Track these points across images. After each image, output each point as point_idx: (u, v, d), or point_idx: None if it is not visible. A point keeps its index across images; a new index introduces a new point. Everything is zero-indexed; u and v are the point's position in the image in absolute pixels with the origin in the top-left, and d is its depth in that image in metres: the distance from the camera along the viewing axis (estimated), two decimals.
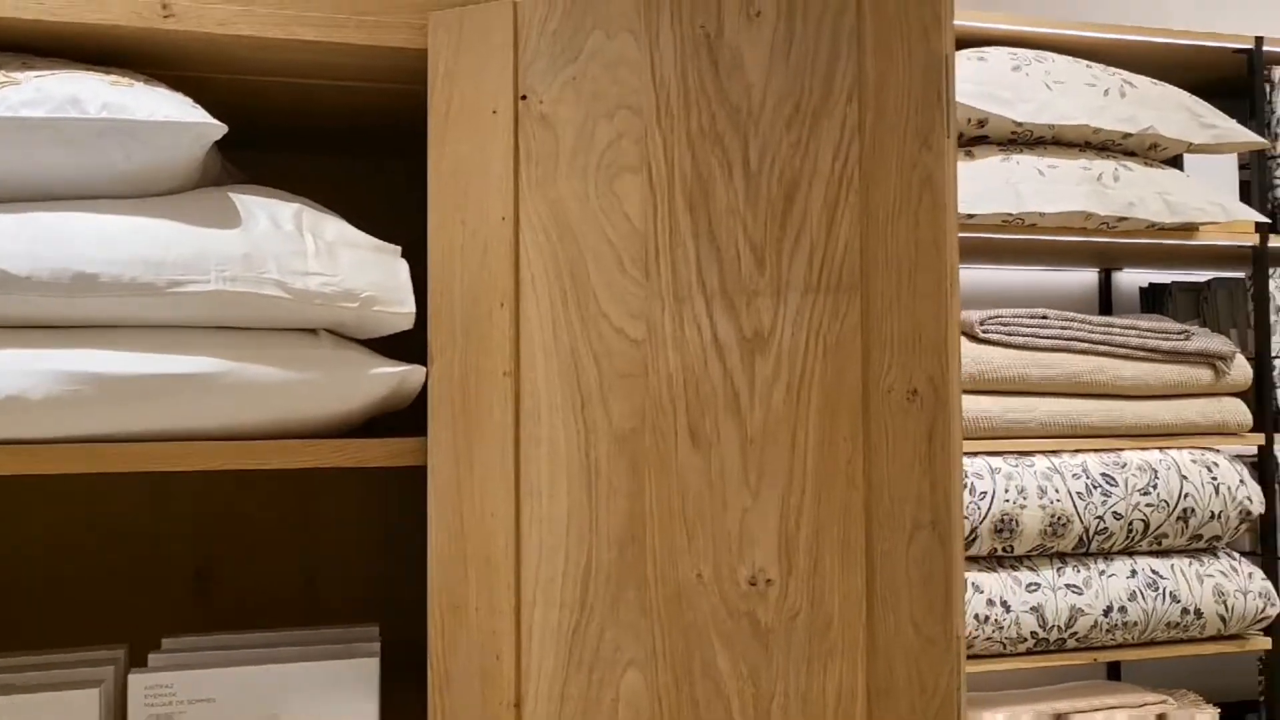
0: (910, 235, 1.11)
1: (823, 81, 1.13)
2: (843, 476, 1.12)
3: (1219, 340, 2.43)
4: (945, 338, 1.11)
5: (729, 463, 1.14)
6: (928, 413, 1.11)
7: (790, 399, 1.13)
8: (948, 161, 1.11)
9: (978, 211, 2.18)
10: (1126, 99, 2.32)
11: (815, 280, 1.12)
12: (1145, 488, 2.31)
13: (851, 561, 1.11)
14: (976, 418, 2.25)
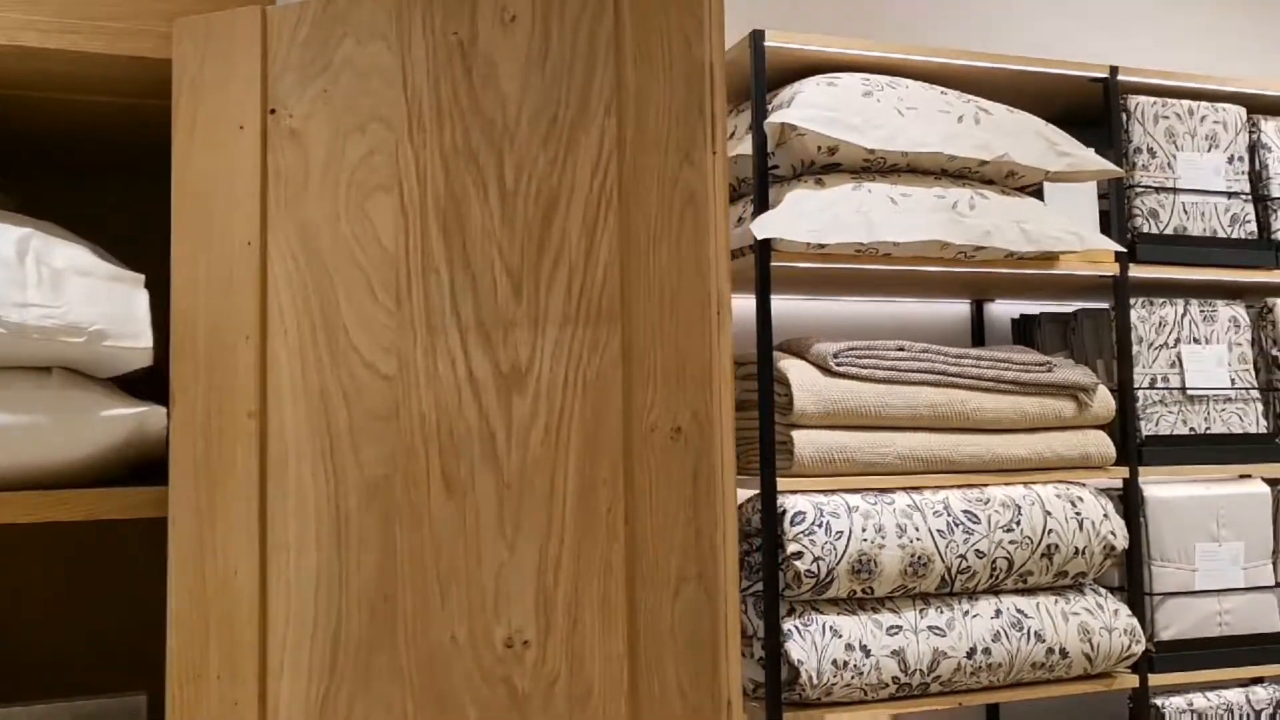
0: (673, 259, 1.02)
1: (580, 92, 1.04)
2: (603, 526, 1.01)
3: (1080, 371, 2.38)
4: (711, 370, 1.02)
5: (485, 512, 1.03)
6: (692, 453, 1.01)
7: (549, 441, 1.02)
8: (713, 178, 1.02)
9: (828, 241, 2.11)
10: (981, 126, 2.27)
11: (574, 310, 1.02)
12: (1008, 524, 2.24)
13: (612, 620, 1.00)
14: (832, 454, 2.17)
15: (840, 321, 2.77)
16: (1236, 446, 2.51)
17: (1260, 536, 2.50)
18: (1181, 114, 2.53)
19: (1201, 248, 2.51)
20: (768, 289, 2.16)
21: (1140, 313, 2.49)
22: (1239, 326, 2.58)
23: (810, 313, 2.74)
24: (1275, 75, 3.26)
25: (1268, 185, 2.62)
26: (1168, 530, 2.43)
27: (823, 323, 2.75)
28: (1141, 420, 2.46)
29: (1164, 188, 2.50)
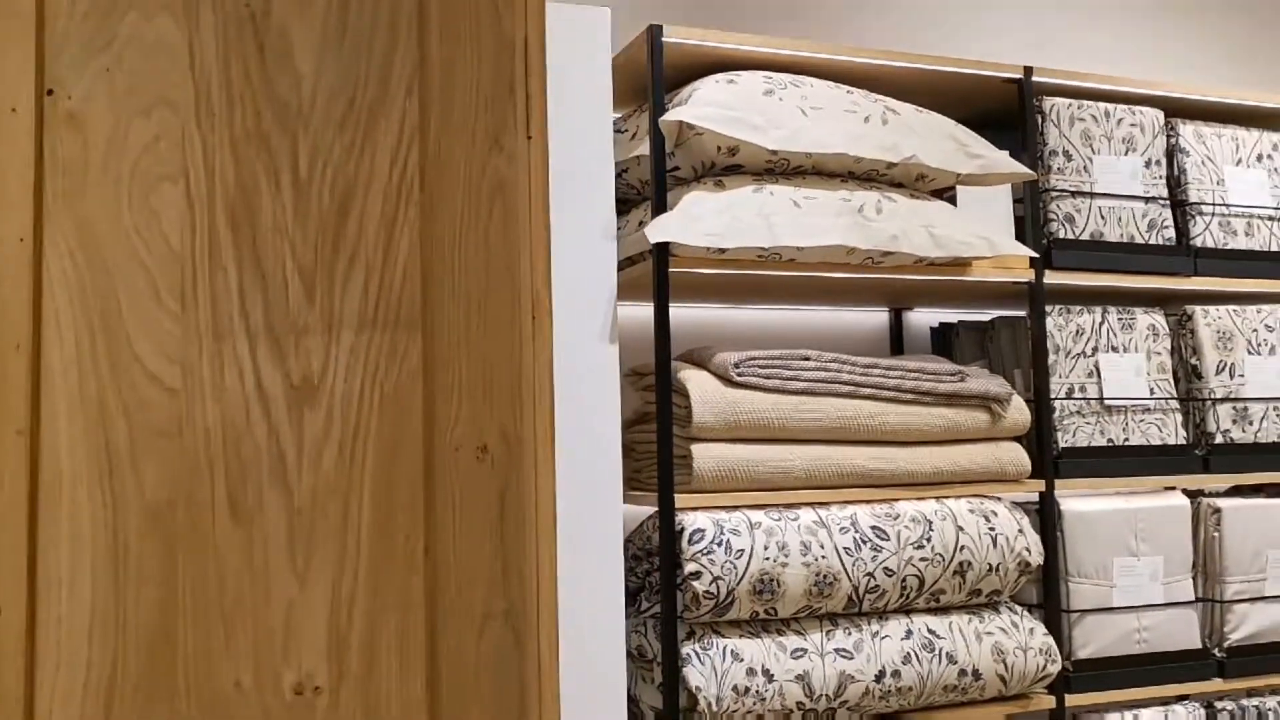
0: (480, 257, 0.91)
1: (380, 71, 0.93)
2: (402, 557, 0.90)
3: (994, 381, 2.30)
4: (521, 382, 0.91)
5: (274, 541, 0.92)
6: (500, 475, 0.90)
7: (343, 461, 0.91)
8: (525, 166, 0.92)
9: (727, 246, 2.02)
10: (889, 126, 2.19)
11: (372, 313, 0.91)
12: (918, 541, 2.15)
13: (412, 662, 0.89)
14: (733, 468, 2.07)
15: (753, 330, 2.67)
16: (1156, 458, 2.44)
17: (1180, 550, 2.43)
18: (1098, 116, 2.47)
19: (1119, 253, 2.44)
20: (665, 296, 2.06)
21: (1057, 320, 2.42)
22: (1158, 335, 2.51)
23: (721, 321, 2.65)
24: (1193, 78, 3.21)
25: (1186, 190, 2.56)
26: (1085, 545, 2.35)
27: (734, 331, 2.65)
28: (1058, 431, 2.38)
29: (1080, 192, 2.43)
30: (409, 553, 0.90)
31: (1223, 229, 2.58)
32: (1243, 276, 2.57)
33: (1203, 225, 2.55)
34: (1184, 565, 2.44)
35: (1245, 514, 2.48)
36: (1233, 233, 2.58)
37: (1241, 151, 2.64)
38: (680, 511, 2.06)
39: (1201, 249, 2.54)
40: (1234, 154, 2.63)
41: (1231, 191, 2.60)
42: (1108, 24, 3.15)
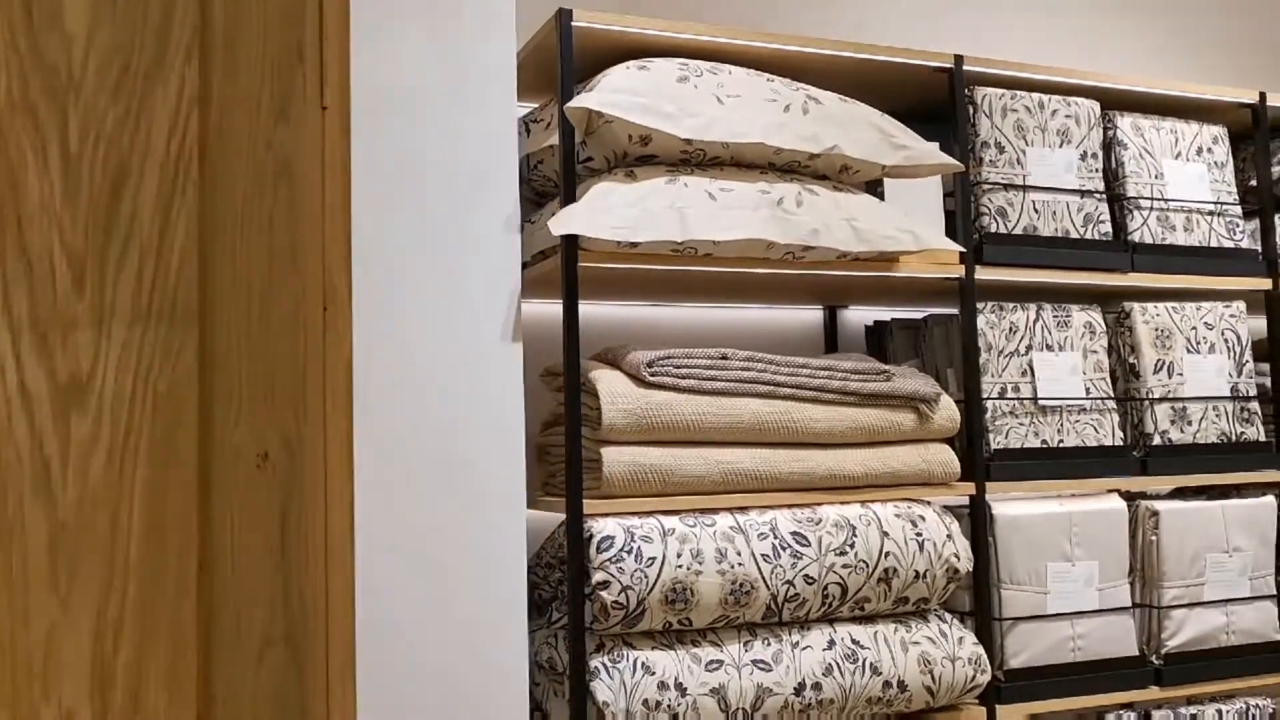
0: (263, 243, 0.82)
1: (158, 32, 0.83)
2: (174, 576, 0.80)
3: (923, 381, 2.22)
4: (307, 382, 0.82)
5: (34, 559, 0.82)
6: (282, 485, 0.81)
7: (112, 469, 0.82)
8: (317, 140, 0.83)
9: (637, 239, 1.93)
10: (810, 116, 2.10)
11: (146, 305, 0.82)
12: (841, 547, 2.07)
13: (182, 695, 0.79)
14: (645, 472, 1.98)
15: (681, 329, 2.58)
16: (1091, 460, 2.37)
17: (1116, 555, 2.36)
18: (1032, 107, 2.39)
19: (1053, 249, 2.36)
20: (574, 291, 1.97)
21: (989, 318, 2.34)
22: (1094, 332, 2.44)
23: (649, 319, 2.56)
24: (1131, 69, 3.13)
25: (1123, 184, 2.49)
26: (1018, 550, 2.27)
27: (662, 330, 2.56)
28: (990, 433, 2.30)
29: (1013, 185, 2.35)
30: (182, 572, 0.80)
31: (1161, 224, 2.50)
32: (1182, 273, 2.49)
33: (1140, 220, 2.48)
34: (1120, 570, 2.36)
35: (1183, 517, 2.41)
36: (1171, 228, 2.51)
37: (1181, 145, 2.57)
38: (589, 518, 1.97)
39: (1139, 244, 2.46)
40: (1173, 147, 2.56)
41: (1170, 185, 2.53)
42: (1043, 13, 3.08)
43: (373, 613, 1.74)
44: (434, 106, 1.85)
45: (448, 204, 1.84)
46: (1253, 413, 2.54)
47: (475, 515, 1.84)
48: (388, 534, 1.78)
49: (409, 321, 1.81)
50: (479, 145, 1.90)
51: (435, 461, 1.81)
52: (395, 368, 1.80)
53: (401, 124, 1.83)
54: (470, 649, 1.82)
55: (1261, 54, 3.36)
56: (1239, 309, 2.57)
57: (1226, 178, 2.61)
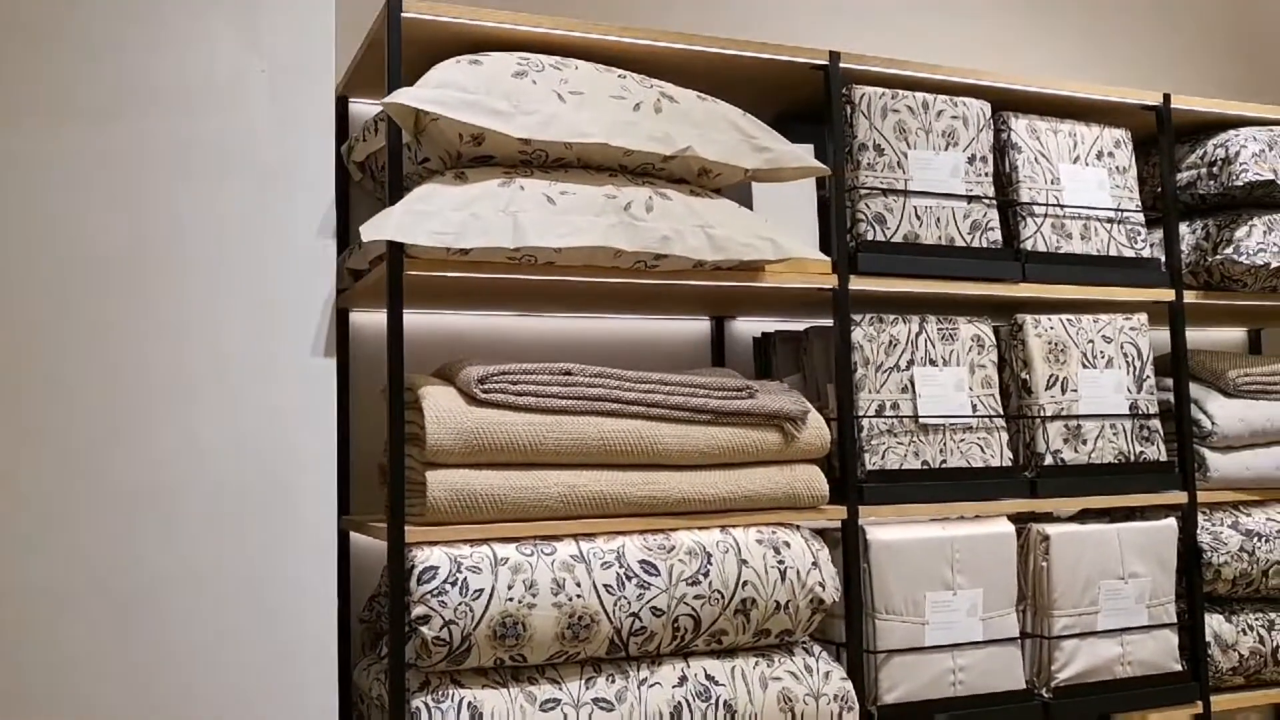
0: None
1: None
2: None
3: (789, 398, 2.08)
4: None
5: None
6: None
7: None
8: None
9: (462, 245, 1.79)
10: (663, 115, 1.96)
11: None
12: (694, 576, 1.93)
13: None
14: (475, 497, 1.84)
15: (546, 341, 2.43)
16: (977, 482, 2.23)
17: (1003, 583, 2.22)
18: (915, 107, 2.26)
19: (935, 257, 2.22)
20: (399, 301, 1.82)
21: (867, 330, 2.20)
22: (983, 346, 2.30)
23: (513, 330, 2.41)
24: (1027, 68, 2.99)
25: (1017, 189, 2.36)
26: (893, 578, 2.13)
27: (525, 343, 2.41)
28: (866, 453, 2.16)
29: (893, 190, 2.21)
30: None
31: (1056, 231, 2.37)
32: (1078, 283, 2.36)
33: (1034, 227, 2.35)
34: (1008, 598, 2.22)
35: (1076, 541, 2.28)
36: (1067, 235, 2.38)
37: (1080, 148, 2.43)
38: (415, 546, 1.82)
39: (1032, 253, 2.33)
40: (1071, 151, 2.42)
41: (1067, 191, 2.39)
42: (938, 13, 2.95)
43: (145, 654, 1.60)
44: (235, 100, 1.71)
45: (250, 205, 1.70)
46: (1153, 431, 2.40)
47: (279, 544, 1.70)
48: (169, 565, 1.64)
49: (196, 332, 1.67)
50: (290, 143, 1.76)
51: (229, 486, 1.67)
52: (179, 382, 1.65)
53: (198, 118, 1.69)
54: (286, 685, 1.68)
55: (1169, 55, 3.23)
56: (1140, 321, 2.44)
57: (1129, 183, 2.47)
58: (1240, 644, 2.43)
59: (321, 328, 1.75)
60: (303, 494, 1.72)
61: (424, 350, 2.32)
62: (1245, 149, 2.48)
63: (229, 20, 1.73)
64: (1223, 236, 2.51)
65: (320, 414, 1.73)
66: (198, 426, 1.65)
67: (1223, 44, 3.30)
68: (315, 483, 1.73)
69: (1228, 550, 2.42)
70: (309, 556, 1.72)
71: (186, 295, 1.67)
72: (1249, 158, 2.47)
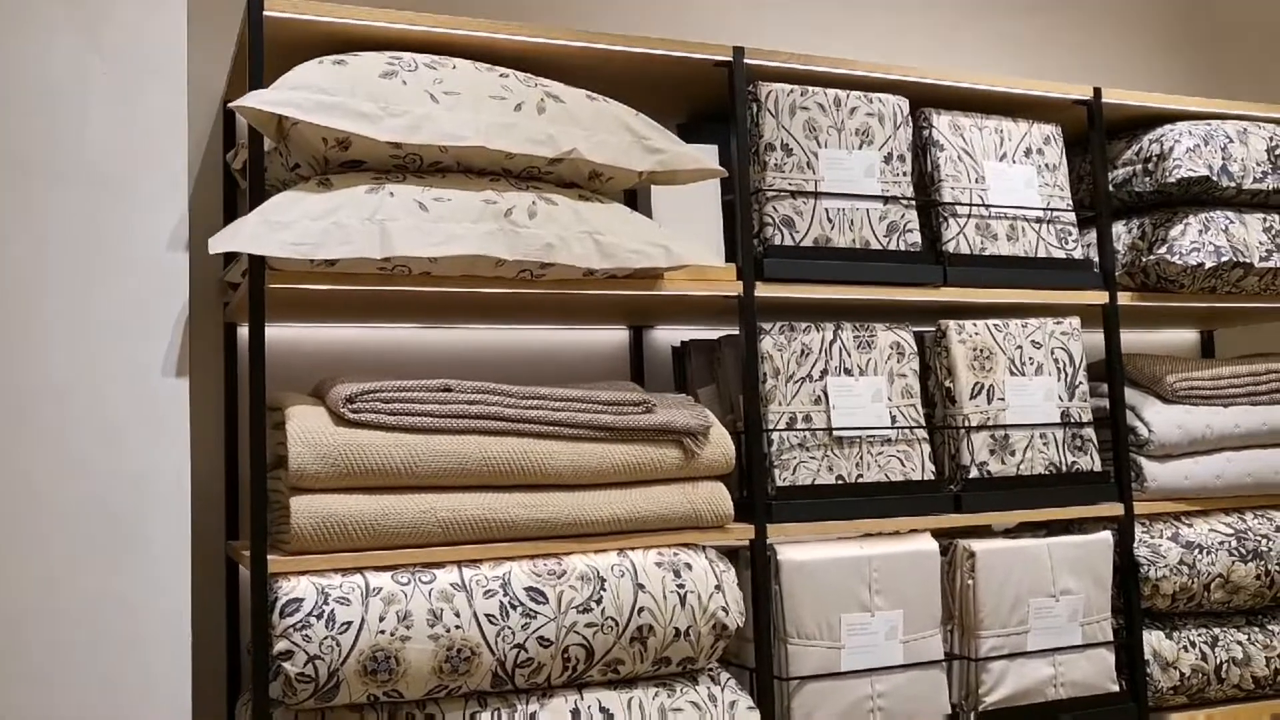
0: None
1: None
2: None
3: (690, 412, 1.97)
4: None
5: None
6: None
7: None
8: None
9: (329, 257, 1.68)
10: (546, 116, 1.86)
11: None
12: (585, 603, 1.82)
13: None
14: (344, 523, 1.73)
15: (444, 353, 2.32)
16: (897, 497, 2.12)
17: (925, 602, 2.11)
18: (826, 105, 2.15)
19: (848, 261, 2.11)
20: (261, 316, 1.72)
21: (777, 339, 2.09)
22: (903, 354, 2.19)
23: (408, 343, 2.30)
24: (951, 62, 2.87)
25: (939, 188, 2.25)
26: (805, 600, 2.02)
27: (424, 356, 2.30)
28: (776, 468, 2.05)
29: (802, 191, 2.11)
30: None
31: (980, 232, 2.26)
32: (1004, 286, 2.25)
33: (956, 228, 2.24)
34: (931, 619, 2.11)
35: (1003, 558, 2.17)
36: (992, 237, 2.27)
37: (1007, 145, 2.33)
38: (283, 577, 1.72)
39: (954, 255, 2.22)
40: (997, 148, 2.32)
41: (993, 190, 2.29)
42: (856, 7, 2.84)
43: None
44: (73, 102, 1.61)
45: (87, 215, 1.60)
46: (1087, 440, 2.29)
47: (122, 577, 1.59)
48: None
49: (23, 353, 1.56)
50: (137, 149, 1.66)
51: (64, 518, 1.56)
52: (6, 406, 1.55)
53: (30, 120, 1.58)
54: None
55: (1103, 49, 3.12)
56: (1072, 325, 2.33)
57: (1059, 181, 2.37)
58: (1181, 661, 2.32)
59: (173, 345, 1.64)
60: (150, 523, 1.61)
61: (313, 365, 2.21)
62: (1179, 144, 2.38)
63: (69, 19, 1.62)
64: (1158, 236, 2.40)
65: (170, 437, 1.62)
66: (28, 455, 1.54)
67: (1159, 37, 3.19)
68: (167, 512, 1.62)
69: (1167, 564, 2.31)
70: (156, 590, 1.61)
71: (20, 312, 1.56)
72: (1183, 153, 2.36)
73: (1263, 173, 2.44)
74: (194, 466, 2.13)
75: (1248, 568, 2.36)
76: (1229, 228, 2.39)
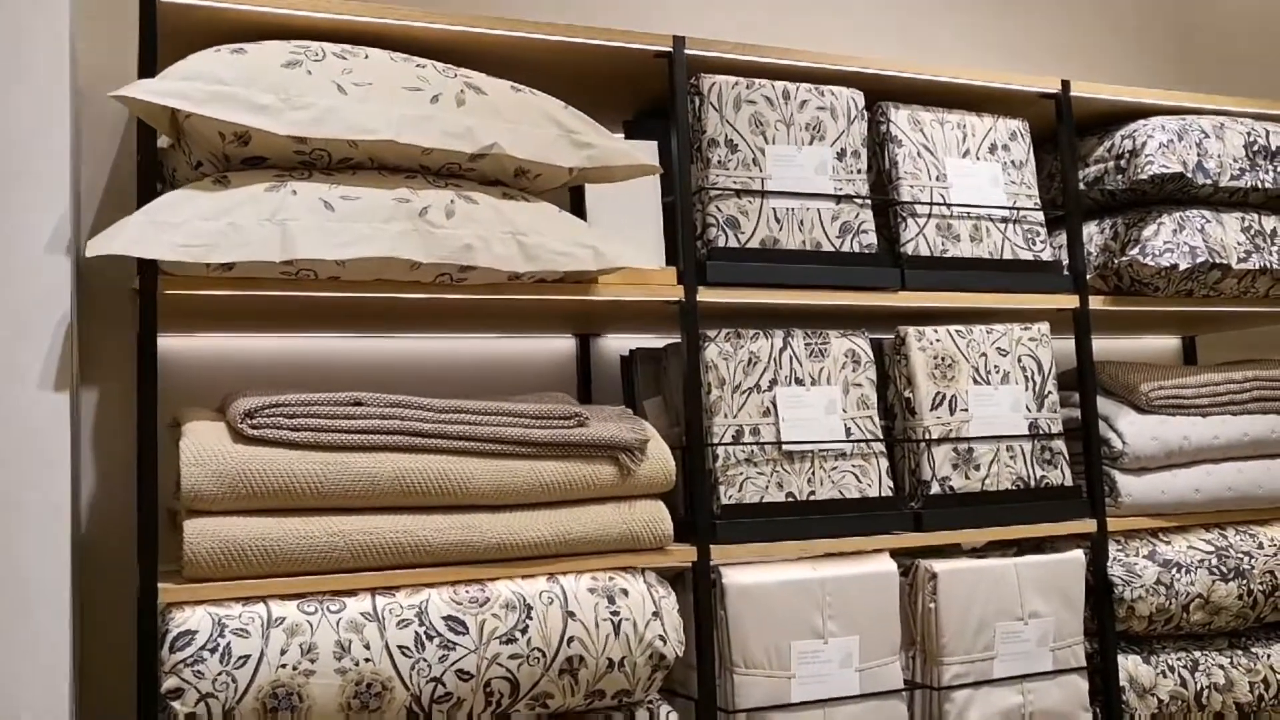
0: None
1: None
2: None
3: (626, 426, 1.84)
4: None
5: None
6: None
7: None
8: None
9: (222, 260, 1.55)
10: (466, 108, 1.73)
11: None
12: (509, 633, 1.68)
13: None
14: (243, 548, 1.59)
15: (375, 364, 2.19)
16: (851, 515, 1.99)
17: (883, 628, 1.97)
18: (774, 98, 2.02)
19: (798, 264, 1.99)
20: (151, 324, 1.59)
21: (722, 347, 1.96)
22: (859, 362, 2.06)
23: (336, 355, 2.17)
24: (910, 54, 2.74)
25: (898, 187, 2.12)
26: (753, 626, 1.88)
27: (348, 366, 2.16)
28: (721, 485, 1.92)
29: (748, 190, 1.98)
30: None
31: (942, 233, 2.14)
32: (967, 289, 2.12)
33: (915, 229, 2.11)
34: (889, 646, 1.98)
35: (967, 579, 2.03)
36: (955, 238, 2.14)
37: (970, 141, 2.20)
38: (177, 607, 1.58)
39: (912, 257, 2.09)
40: (960, 144, 2.19)
41: (955, 189, 2.16)
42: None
43: None
44: None
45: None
46: (1056, 453, 2.16)
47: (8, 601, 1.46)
48: None
49: None
50: (26, 149, 1.53)
51: None
52: None
53: None
54: None
55: (1071, 41, 2.99)
56: (1040, 331, 2.20)
57: (1026, 179, 2.24)
58: (1160, 688, 2.18)
59: (53, 357, 1.51)
60: (26, 549, 1.48)
61: (236, 380, 2.08)
62: (1152, 139, 2.25)
63: None
64: (1130, 236, 2.27)
65: (49, 459, 1.49)
66: None
67: (1132, 30, 3.07)
68: (46, 534, 1.49)
69: (1143, 583, 2.17)
70: (40, 621, 1.48)
71: None
72: (1155, 149, 2.24)
73: (1240, 169, 2.31)
74: (104, 488, 1.99)
75: (1229, 587, 2.23)
76: (1205, 227, 2.27)
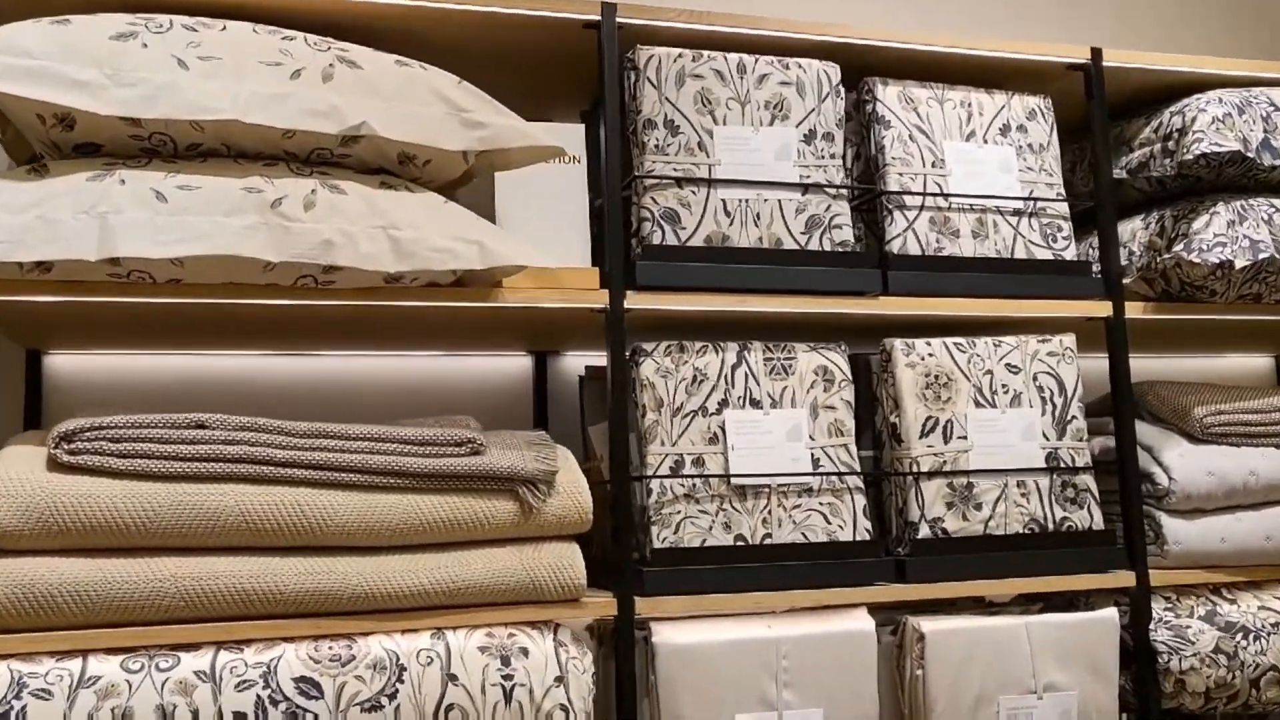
0: None
1: None
2: None
3: (528, 454, 1.56)
4: None
5: None
6: None
7: None
8: None
9: (34, 259, 1.34)
10: (333, 84, 1.49)
11: None
12: (373, 699, 1.42)
13: None
14: (50, 593, 1.36)
15: (304, 382, 1.96)
16: (817, 563, 1.67)
17: (855, 700, 1.64)
18: (726, 72, 1.73)
19: (752, 265, 1.68)
20: None
21: (660, 362, 1.67)
22: (832, 381, 1.74)
23: (251, 373, 1.95)
24: (896, 21, 2.38)
25: (884, 174, 1.80)
26: (689, 695, 1.58)
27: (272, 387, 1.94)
28: (654, 525, 1.62)
29: (692, 179, 1.69)
30: None
31: (937, 228, 1.80)
32: (965, 294, 1.79)
33: (904, 223, 1.79)
34: (861, 715, 1.65)
35: (962, 640, 1.69)
36: (953, 233, 1.81)
37: (976, 122, 1.87)
38: None
39: (899, 257, 1.77)
40: (964, 125, 1.86)
41: (954, 176, 1.83)
42: None
43: None
44: None
45: None
46: (1082, 490, 1.80)
47: None
48: None
49: None
50: None
51: None
52: None
53: None
54: None
55: (1104, 5, 2.60)
56: (1063, 345, 1.84)
57: (1047, 164, 1.89)
58: None
59: None
60: None
61: (135, 402, 1.89)
62: (1204, 113, 1.88)
63: None
64: (1178, 230, 1.90)
65: None
66: None
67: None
68: None
69: (1196, 651, 1.78)
70: None
71: None
72: (1206, 124, 1.86)
73: None
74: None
75: None
76: (1274, 217, 1.88)
